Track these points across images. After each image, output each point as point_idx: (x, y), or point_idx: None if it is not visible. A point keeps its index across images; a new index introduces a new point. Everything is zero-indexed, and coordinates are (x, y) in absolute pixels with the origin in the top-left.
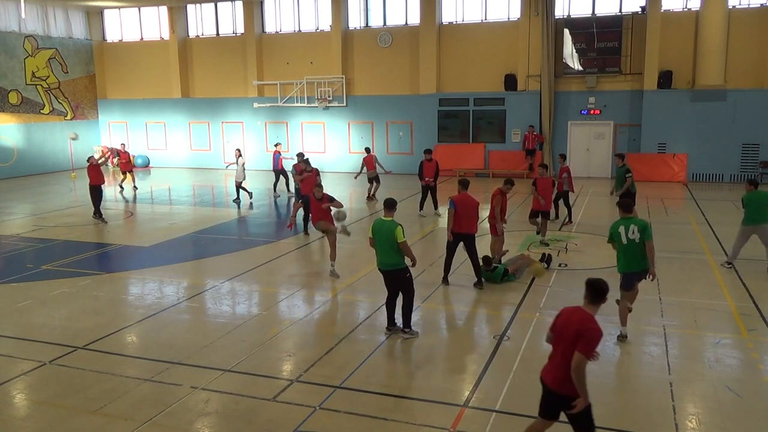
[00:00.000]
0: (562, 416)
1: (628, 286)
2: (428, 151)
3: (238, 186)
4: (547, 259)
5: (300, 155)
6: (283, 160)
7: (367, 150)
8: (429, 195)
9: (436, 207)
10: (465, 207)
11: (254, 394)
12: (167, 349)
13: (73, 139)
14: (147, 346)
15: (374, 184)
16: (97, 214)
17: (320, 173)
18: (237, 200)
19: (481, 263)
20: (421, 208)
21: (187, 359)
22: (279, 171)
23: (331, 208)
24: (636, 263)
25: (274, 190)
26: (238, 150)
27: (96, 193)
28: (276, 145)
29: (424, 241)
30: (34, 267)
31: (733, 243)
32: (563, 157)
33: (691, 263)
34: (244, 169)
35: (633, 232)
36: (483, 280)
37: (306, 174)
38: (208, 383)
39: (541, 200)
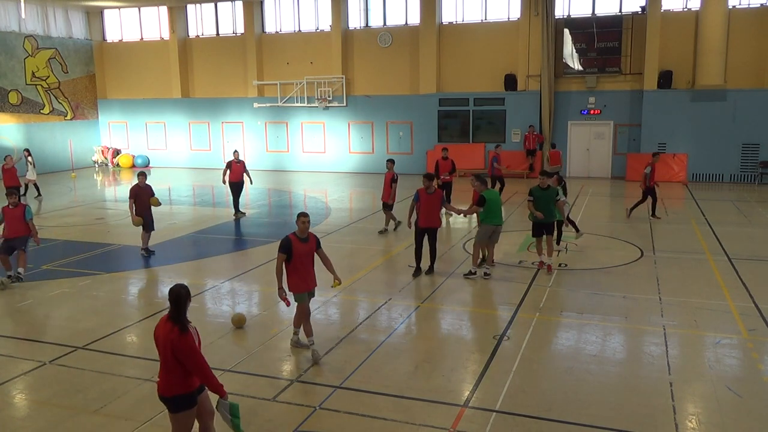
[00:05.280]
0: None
1: None
2: (445, 150)
3: (34, 184)
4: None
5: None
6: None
7: (236, 154)
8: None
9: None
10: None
11: (254, 394)
12: None
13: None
14: (147, 346)
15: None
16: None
17: (246, 168)
18: (39, 197)
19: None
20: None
21: None
22: (496, 177)
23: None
24: None
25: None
26: (27, 150)
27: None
28: (496, 147)
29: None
30: (34, 267)
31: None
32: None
33: (691, 263)
34: (34, 167)
35: None
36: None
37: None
38: None
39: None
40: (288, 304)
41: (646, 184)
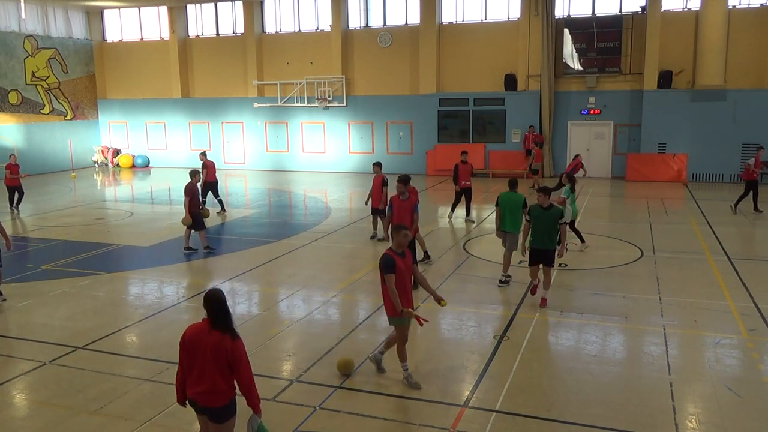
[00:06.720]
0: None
1: None
2: (464, 153)
3: None
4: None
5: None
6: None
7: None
8: (463, 198)
9: (468, 213)
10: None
11: None
12: (167, 349)
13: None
14: (147, 346)
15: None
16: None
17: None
18: None
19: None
20: (453, 210)
21: None
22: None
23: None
24: None
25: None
26: None
27: (11, 191)
28: (575, 157)
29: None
30: (34, 267)
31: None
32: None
33: (691, 263)
34: None
35: None
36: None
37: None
38: None
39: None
40: (422, 323)
41: (753, 174)
